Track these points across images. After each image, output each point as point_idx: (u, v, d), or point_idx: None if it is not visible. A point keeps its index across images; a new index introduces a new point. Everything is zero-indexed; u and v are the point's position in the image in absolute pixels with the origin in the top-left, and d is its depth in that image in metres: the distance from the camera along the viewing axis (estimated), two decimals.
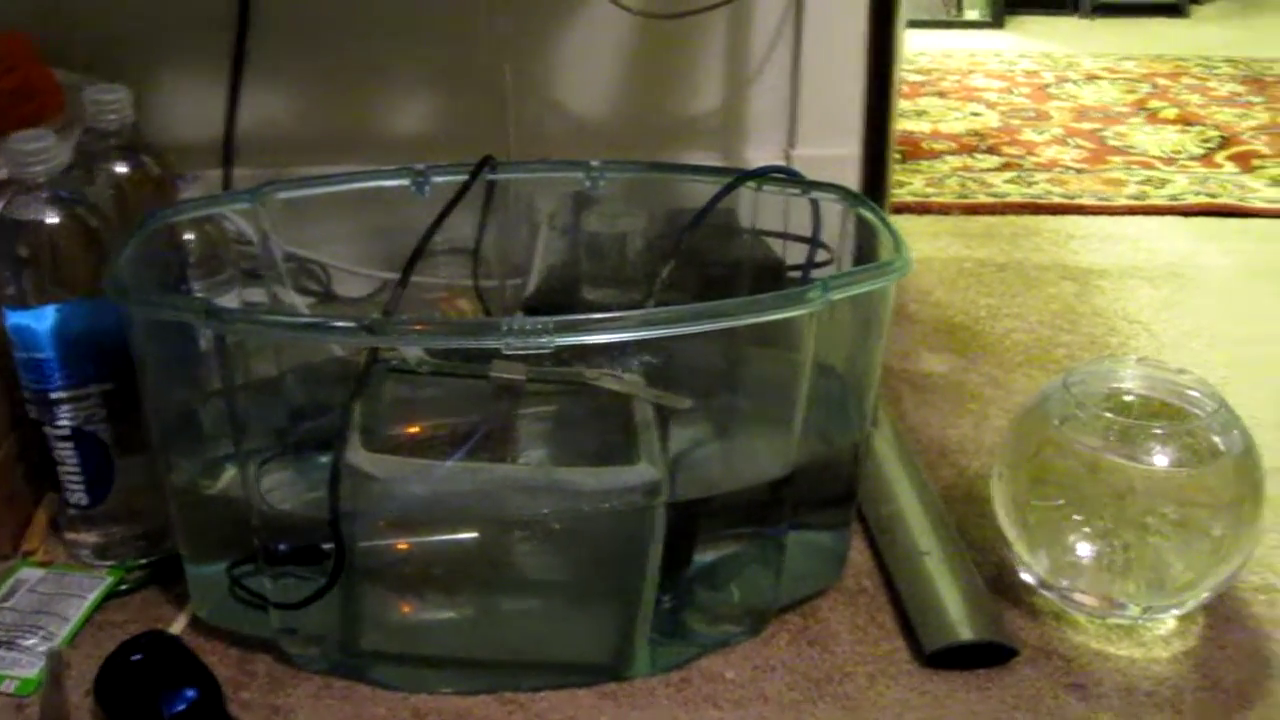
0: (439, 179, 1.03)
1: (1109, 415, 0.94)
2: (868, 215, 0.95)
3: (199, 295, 1.06)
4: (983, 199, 1.83)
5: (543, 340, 0.75)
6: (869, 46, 1.07)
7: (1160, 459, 0.91)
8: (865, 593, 0.98)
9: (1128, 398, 0.98)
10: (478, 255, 1.08)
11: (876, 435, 1.15)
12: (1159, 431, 0.92)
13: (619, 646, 0.89)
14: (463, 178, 1.03)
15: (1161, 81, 2.58)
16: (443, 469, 0.87)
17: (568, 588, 0.90)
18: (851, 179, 1.19)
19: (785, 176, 1.03)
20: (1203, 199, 1.86)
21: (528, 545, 0.89)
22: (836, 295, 0.82)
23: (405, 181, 1.03)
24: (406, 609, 0.90)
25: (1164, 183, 1.93)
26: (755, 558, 0.93)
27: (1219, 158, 2.07)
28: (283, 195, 1.01)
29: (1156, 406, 0.97)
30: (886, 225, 0.92)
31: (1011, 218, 1.77)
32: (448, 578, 0.89)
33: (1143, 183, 1.93)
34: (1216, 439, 0.93)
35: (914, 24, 3.13)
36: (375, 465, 0.83)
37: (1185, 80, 2.59)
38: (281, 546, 0.88)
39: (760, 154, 1.46)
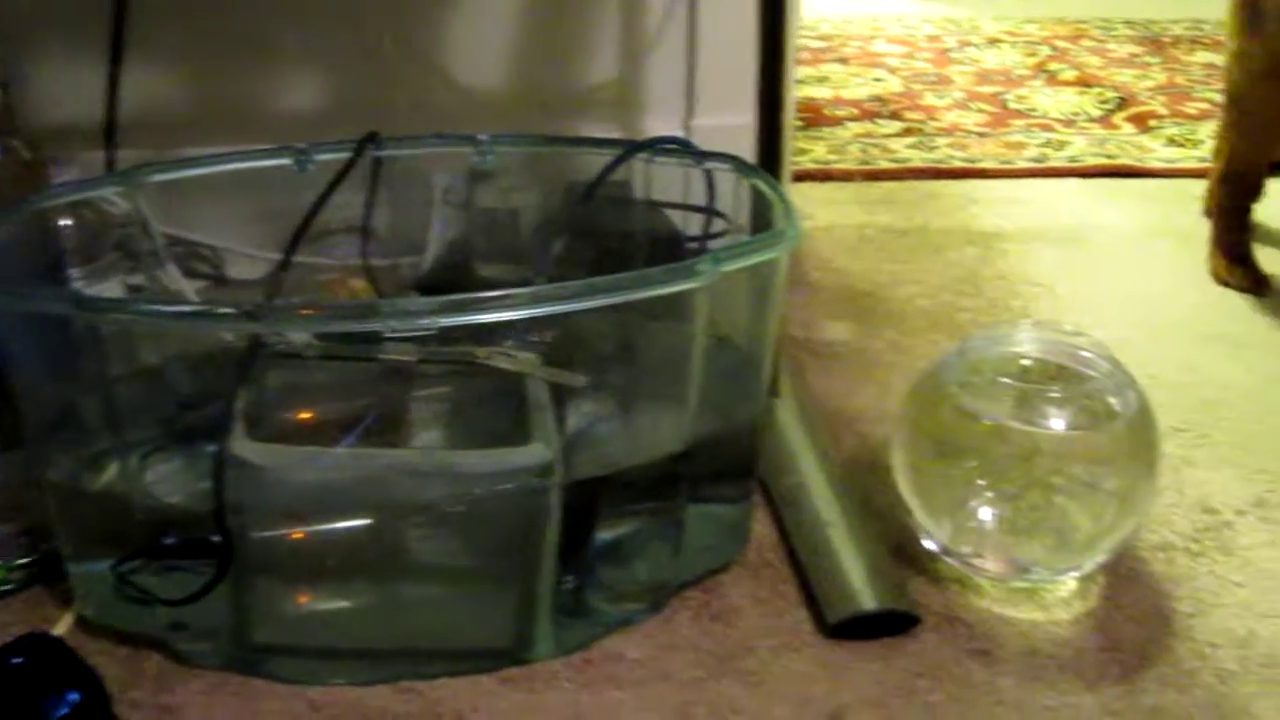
0: (322, 157, 1.01)
1: (1006, 380, 0.93)
2: (760, 185, 0.94)
3: (78, 283, 1.02)
4: (884, 165, 1.83)
5: (425, 322, 0.74)
6: (761, 13, 1.06)
7: (1058, 422, 0.91)
8: (769, 565, 0.98)
9: (1024, 362, 0.98)
10: (366, 234, 1.05)
11: (779, 406, 1.14)
12: (1056, 395, 0.93)
13: (519, 630, 0.88)
14: (347, 155, 1.00)
15: (1061, 44, 2.59)
16: (330, 456, 0.85)
17: (465, 572, 0.89)
18: (751, 148, 1.17)
19: (678, 147, 1.01)
20: (1101, 160, 1.87)
21: (422, 530, 0.87)
22: (727, 267, 0.81)
23: (286, 161, 1.00)
24: (301, 600, 0.88)
25: (1064, 145, 1.95)
26: (656, 534, 0.92)
27: (1117, 119, 2.09)
28: (159, 178, 0.98)
29: (1053, 370, 0.98)
30: (778, 194, 0.91)
31: (913, 183, 1.77)
32: (342, 567, 0.87)
33: (1043, 145, 1.94)
34: (1112, 400, 0.93)
35: None
36: (260, 454, 0.81)
37: (1085, 42, 2.61)
38: (169, 540, 0.86)
39: (659, 124, 1.44)
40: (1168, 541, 1.01)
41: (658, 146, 1.02)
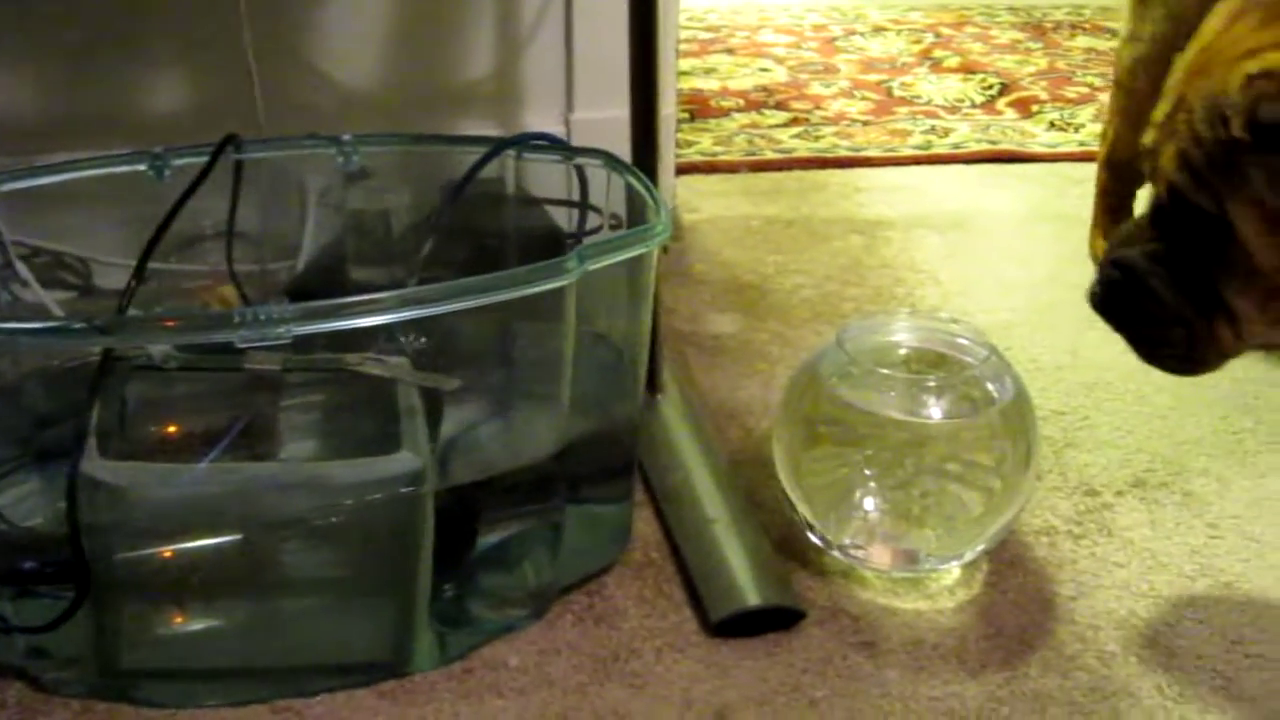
0: (180, 161, 0.97)
1: (884, 371, 0.93)
2: (630, 180, 0.92)
3: None
4: (770, 155, 1.82)
5: (280, 331, 0.71)
6: (632, 5, 1.05)
7: (936, 411, 0.91)
8: (653, 565, 0.96)
9: (902, 351, 0.98)
10: (230, 239, 1.02)
11: (664, 401, 1.13)
12: (933, 384, 0.92)
13: (397, 642, 0.86)
14: (206, 159, 0.97)
15: (945, 31, 2.61)
16: (189, 472, 0.82)
17: (340, 585, 0.86)
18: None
19: (548, 144, 1.00)
20: (984, 146, 1.89)
21: (294, 544, 0.84)
22: (594, 264, 0.79)
23: (141, 166, 0.97)
24: (170, 621, 0.85)
25: (948, 131, 1.96)
26: (535, 538, 0.91)
27: (1000, 104, 2.11)
28: (8, 186, 0.94)
29: (930, 358, 0.98)
30: (648, 189, 0.89)
31: (799, 173, 1.77)
32: (212, 585, 0.84)
33: (927, 132, 1.95)
34: (990, 386, 0.93)
35: None
36: (114, 473, 0.77)
37: (969, 29, 2.63)
38: (28, 564, 0.83)
39: (538, 120, 1.42)
40: (1050, 525, 1.02)
41: (528, 143, 1.00)
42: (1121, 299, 0.83)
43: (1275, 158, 0.72)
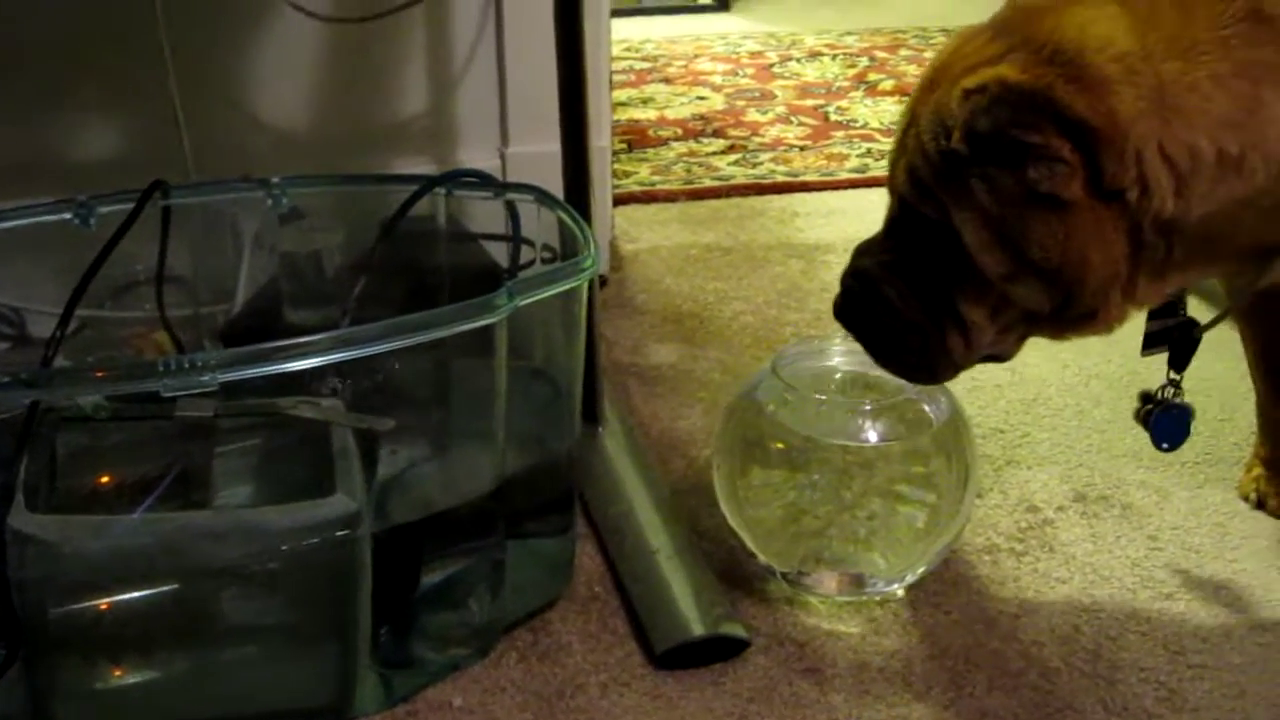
0: (106, 209, 0.96)
1: (820, 396, 0.93)
2: (560, 214, 0.92)
3: None
4: (708, 183, 1.83)
5: (204, 379, 0.70)
6: (559, 41, 1.05)
7: (872, 434, 0.91)
8: (597, 599, 0.96)
9: (837, 376, 0.98)
10: (160, 286, 1.01)
11: (605, 433, 1.12)
12: (869, 407, 0.93)
13: (340, 686, 0.85)
14: (132, 205, 0.96)
15: (880, 54, 2.64)
16: (119, 524, 0.81)
17: (279, 632, 0.85)
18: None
19: (477, 180, 1.00)
20: None
21: (231, 592, 0.83)
22: (524, 300, 0.79)
23: (66, 215, 0.96)
24: (107, 675, 0.84)
25: (884, 154, 1.97)
26: (477, 575, 0.90)
27: None
28: None
29: (867, 381, 0.98)
30: (577, 223, 0.89)
31: (737, 200, 1.78)
32: (148, 637, 0.83)
33: (863, 155, 1.97)
34: (925, 407, 0.94)
35: (641, 11, 3.14)
36: (43, 527, 0.76)
37: (903, 52, 2.66)
38: None
39: (473, 156, 1.42)
40: (992, 543, 1.02)
41: (458, 180, 1.00)
42: (859, 308, 0.85)
43: (992, 168, 0.74)
